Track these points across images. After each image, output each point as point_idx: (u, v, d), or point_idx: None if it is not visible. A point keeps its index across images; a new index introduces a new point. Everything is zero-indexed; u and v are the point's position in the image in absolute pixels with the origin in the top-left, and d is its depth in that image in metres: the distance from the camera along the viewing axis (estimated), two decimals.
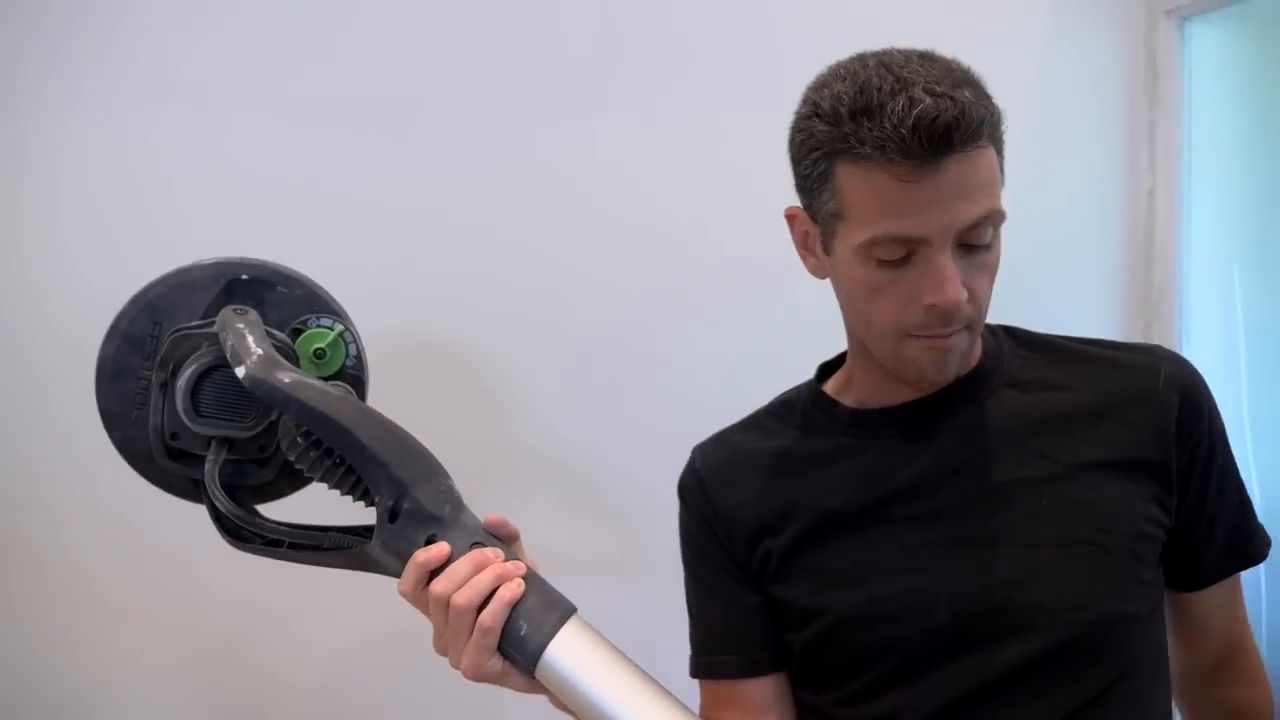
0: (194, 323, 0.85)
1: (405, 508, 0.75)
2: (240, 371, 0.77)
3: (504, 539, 0.77)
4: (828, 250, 0.82)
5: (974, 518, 0.83)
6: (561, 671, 0.71)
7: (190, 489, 0.86)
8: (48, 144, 1.25)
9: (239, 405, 0.82)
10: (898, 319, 0.78)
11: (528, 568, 0.74)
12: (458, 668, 0.72)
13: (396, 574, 0.75)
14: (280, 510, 0.86)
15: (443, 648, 0.74)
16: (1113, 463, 0.83)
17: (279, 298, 0.88)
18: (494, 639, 0.70)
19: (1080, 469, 0.82)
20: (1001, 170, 0.79)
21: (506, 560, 0.73)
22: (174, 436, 0.83)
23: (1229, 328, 1.77)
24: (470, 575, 0.71)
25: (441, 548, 0.72)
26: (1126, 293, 1.82)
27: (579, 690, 0.70)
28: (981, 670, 0.80)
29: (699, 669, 0.93)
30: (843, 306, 0.86)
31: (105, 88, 1.27)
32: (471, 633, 0.70)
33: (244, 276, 0.88)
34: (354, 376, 0.92)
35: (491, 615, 0.69)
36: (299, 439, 0.78)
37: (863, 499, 0.86)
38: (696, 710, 0.82)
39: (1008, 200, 0.79)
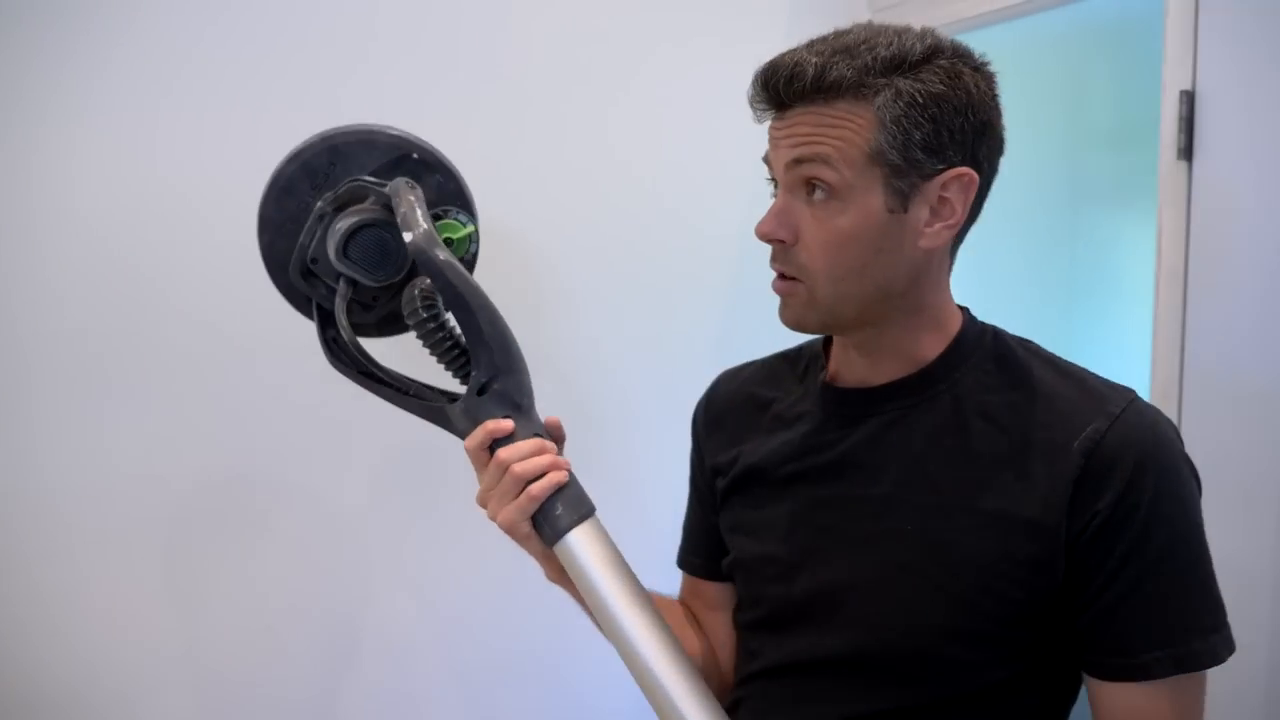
0: (370, 177, 0.96)
1: (494, 388, 0.90)
2: (408, 237, 0.89)
3: (556, 439, 0.91)
4: None
5: (854, 517, 0.87)
6: (575, 554, 0.86)
7: (303, 303, 0.99)
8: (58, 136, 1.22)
9: (377, 261, 0.93)
10: None
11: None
12: (495, 519, 0.87)
13: (462, 434, 0.89)
14: None
15: (484, 500, 0.88)
16: (993, 513, 0.81)
17: (435, 183, 1.00)
18: (535, 506, 0.85)
19: (960, 510, 0.82)
20: (890, 139, 0.78)
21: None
22: (314, 261, 0.94)
23: None
24: (531, 454, 0.85)
25: (507, 423, 0.87)
26: None
27: (585, 573, 0.86)
28: (810, 648, 0.88)
29: (679, 561, 1.09)
30: None
31: (115, 84, 1.23)
32: (518, 497, 0.84)
33: (415, 155, 0.99)
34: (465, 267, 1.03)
35: (539, 487, 0.84)
36: (421, 309, 0.91)
37: (789, 467, 0.92)
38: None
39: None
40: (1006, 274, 1.86)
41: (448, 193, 1.02)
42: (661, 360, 1.67)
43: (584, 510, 0.87)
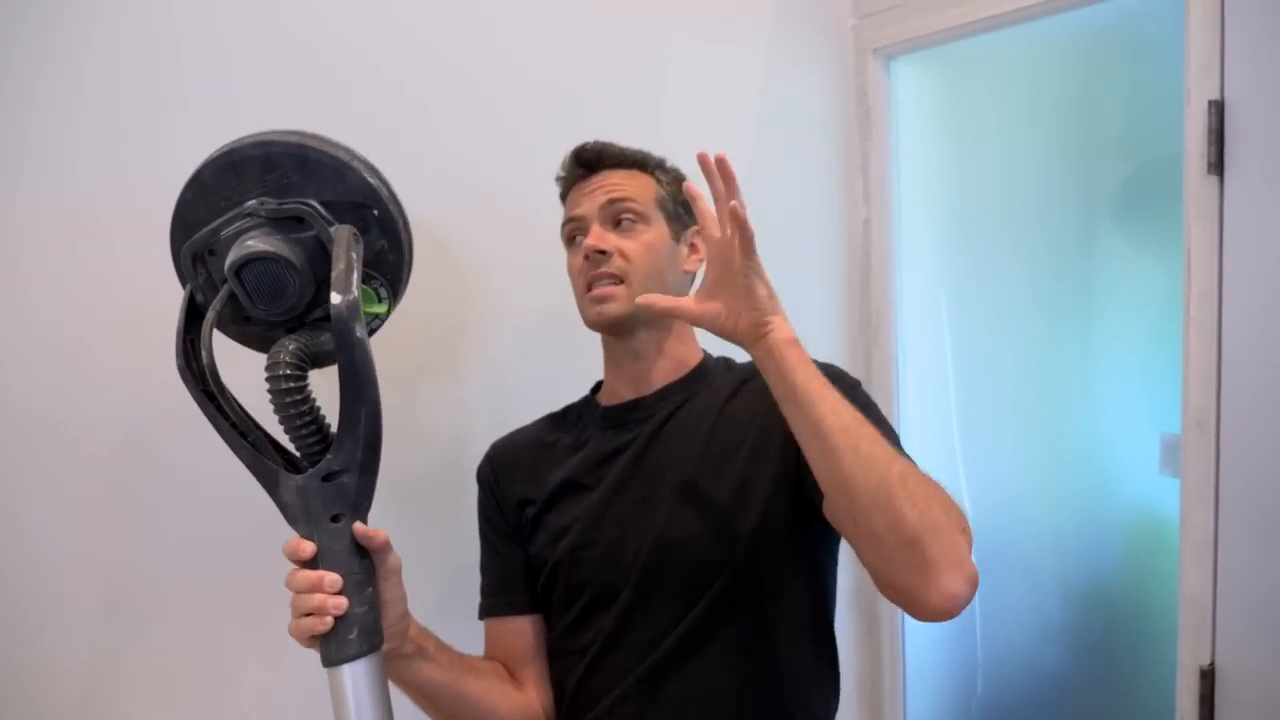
0: (321, 208, 0.90)
1: (341, 481, 0.87)
2: (335, 299, 0.84)
3: (373, 547, 0.90)
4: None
5: (656, 485, 1.10)
6: (338, 685, 0.86)
7: (182, 281, 0.92)
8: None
9: (267, 295, 0.88)
10: (580, 277, 1.13)
11: (373, 586, 0.90)
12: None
13: (283, 508, 0.88)
14: None
15: None
16: (755, 449, 1.08)
17: (378, 246, 0.94)
18: (303, 637, 0.87)
19: (732, 453, 1.09)
20: (666, 195, 1.16)
21: (348, 583, 0.87)
22: (211, 252, 0.89)
23: (938, 348, 1.89)
24: (305, 590, 0.86)
25: (308, 547, 0.87)
26: (849, 319, 1.90)
27: (338, 705, 0.87)
28: (650, 593, 1.06)
29: (481, 611, 1.19)
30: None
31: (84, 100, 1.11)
32: (298, 619, 0.88)
33: (375, 212, 0.93)
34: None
35: (307, 623, 0.86)
36: (285, 374, 0.86)
37: (591, 471, 1.14)
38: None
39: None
40: (1014, 294, 1.76)
41: (385, 263, 0.96)
42: None
43: (367, 645, 0.87)
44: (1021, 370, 1.78)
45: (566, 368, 1.29)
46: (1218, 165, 1.31)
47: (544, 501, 1.15)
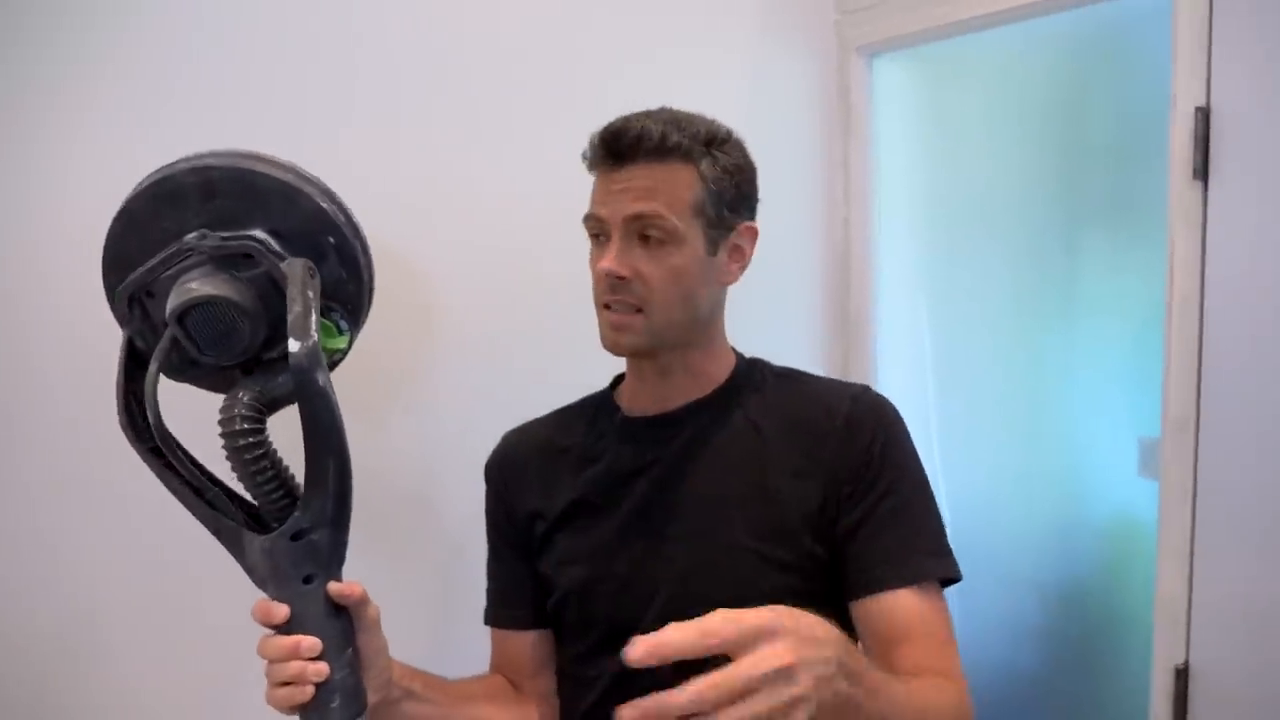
0: (273, 241, 0.81)
1: (311, 538, 0.80)
2: (293, 347, 0.76)
3: (349, 604, 0.84)
4: None
5: (677, 518, 1.00)
6: None
7: (126, 311, 0.83)
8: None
9: (213, 340, 0.80)
10: (597, 289, 1.00)
11: (353, 645, 0.83)
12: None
13: (249, 570, 0.82)
14: None
15: None
16: (791, 489, 0.98)
17: (335, 276, 0.85)
18: (284, 706, 0.81)
19: (765, 490, 0.99)
20: (709, 197, 0.97)
21: (327, 647, 0.80)
22: (149, 295, 0.81)
23: (918, 349, 1.89)
24: (280, 658, 0.80)
25: (281, 611, 0.80)
26: (828, 318, 1.90)
27: None
28: None
29: (485, 617, 1.13)
30: None
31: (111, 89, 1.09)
32: (273, 689, 0.81)
33: (331, 240, 0.84)
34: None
35: (283, 694, 0.80)
36: (244, 425, 0.78)
37: (606, 492, 1.04)
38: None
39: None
40: (995, 296, 1.77)
41: (344, 293, 0.87)
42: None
43: (350, 712, 0.82)
44: (1001, 372, 1.78)
45: (542, 391, 1.21)
46: (1202, 171, 1.32)
47: (555, 519, 1.07)
